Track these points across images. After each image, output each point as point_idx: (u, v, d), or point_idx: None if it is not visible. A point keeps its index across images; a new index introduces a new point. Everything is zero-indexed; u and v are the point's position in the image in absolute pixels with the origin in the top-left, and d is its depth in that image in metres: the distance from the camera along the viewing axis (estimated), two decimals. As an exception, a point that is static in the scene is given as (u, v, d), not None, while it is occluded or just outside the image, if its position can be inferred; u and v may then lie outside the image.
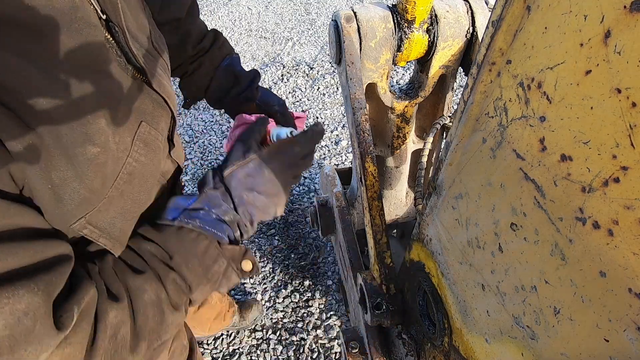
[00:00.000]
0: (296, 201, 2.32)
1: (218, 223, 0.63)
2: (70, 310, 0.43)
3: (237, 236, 0.66)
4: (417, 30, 0.98)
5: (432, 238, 0.80)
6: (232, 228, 0.65)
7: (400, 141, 1.23)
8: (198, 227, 0.61)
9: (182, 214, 0.62)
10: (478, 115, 0.54)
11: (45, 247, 0.43)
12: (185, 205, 0.63)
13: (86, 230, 0.50)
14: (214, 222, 0.63)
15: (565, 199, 0.39)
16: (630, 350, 0.35)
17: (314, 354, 1.75)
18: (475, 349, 0.67)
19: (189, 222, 0.61)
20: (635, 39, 0.29)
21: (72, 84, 0.45)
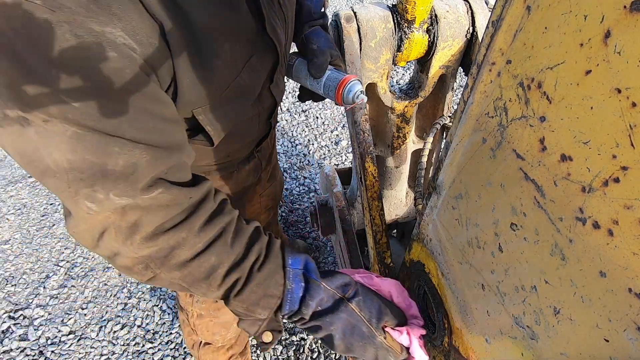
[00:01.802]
0: (296, 201, 2.32)
1: (296, 303, 0.68)
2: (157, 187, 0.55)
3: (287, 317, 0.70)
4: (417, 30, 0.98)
5: (432, 238, 0.80)
6: (294, 315, 0.69)
7: (400, 141, 1.23)
8: (287, 286, 0.67)
9: (296, 269, 0.69)
10: (478, 115, 0.54)
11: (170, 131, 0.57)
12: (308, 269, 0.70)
13: (201, 117, 0.69)
14: (297, 298, 0.68)
15: (565, 199, 0.39)
16: (630, 350, 0.35)
17: (314, 354, 1.76)
18: (475, 349, 0.67)
19: (291, 277, 0.68)
20: (635, 39, 0.29)
21: (215, 15, 0.60)
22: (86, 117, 0.47)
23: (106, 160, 0.51)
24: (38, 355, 1.79)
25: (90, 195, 0.52)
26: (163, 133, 0.55)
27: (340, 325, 0.68)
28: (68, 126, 0.47)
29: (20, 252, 2.16)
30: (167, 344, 1.81)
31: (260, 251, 0.67)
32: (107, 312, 1.92)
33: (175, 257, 0.60)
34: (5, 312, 1.93)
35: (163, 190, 0.56)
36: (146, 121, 0.52)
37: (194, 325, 1.32)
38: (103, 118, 0.48)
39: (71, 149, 0.49)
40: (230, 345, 1.45)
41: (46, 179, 0.52)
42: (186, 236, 0.60)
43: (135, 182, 0.53)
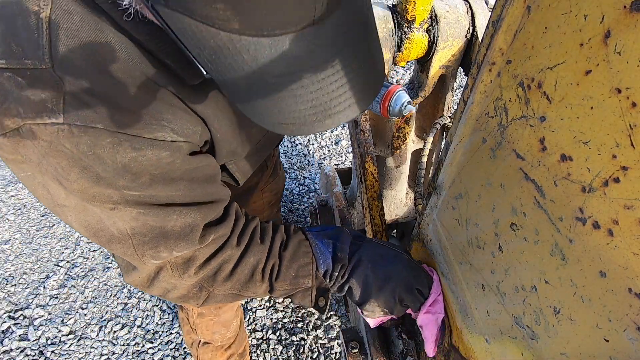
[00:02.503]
0: (296, 201, 2.32)
1: (329, 255, 0.75)
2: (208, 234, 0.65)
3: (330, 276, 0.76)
4: (417, 30, 0.98)
5: (432, 238, 0.80)
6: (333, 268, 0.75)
7: (400, 141, 1.23)
8: (314, 247, 0.75)
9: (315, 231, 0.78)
10: (478, 115, 0.54)
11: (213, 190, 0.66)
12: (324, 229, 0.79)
13: (231, 166, 0.79)
14: (326, 252, 0.75)
15: (565, 199, 0.39)
16: (630, 350, 0.35)
17: (314, 354, 1.75)
18: (475, 349, 0.67)
19: (312, 239, 0.76)
20: (635, 39, 0.29)
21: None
22: (145, 199, 0.57)
23: (165, 224, 0.60)
24: (38, 355, 1.79)
25: (155, 255, 0.62)
26: (209, 193, 0.65)
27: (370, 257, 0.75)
28: (131, 209, 0.57)
29: (20, 252, 2.16)
30: (167, 344, 1.81)
31: (282, 236, 0.76)
32: (107, 312, 1.92)
33: (224, 271, 0.70)
34: (5, 312, 1.93)
35: (214, 235, 0.66)
36: (195, 190, 0.62)
37: (194, 324, 1.32)
38: (159, 197, 0.58)
39: (134, 219, 0.58)
40: (229, 345, 1.45)
41: (113, 245, 0.61)
42: (230, 252, 0.70)
43: (193, 238, 0.63)
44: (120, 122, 0.49)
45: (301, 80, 0.40)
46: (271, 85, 0.40)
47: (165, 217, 0.59)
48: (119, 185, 0.53)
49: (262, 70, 0.39)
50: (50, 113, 0.46)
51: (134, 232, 0.59)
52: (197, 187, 0.62)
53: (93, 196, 0.54)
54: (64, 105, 0.46)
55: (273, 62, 0.38)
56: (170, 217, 0.60)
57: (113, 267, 2.08)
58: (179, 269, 0.66)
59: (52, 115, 0.46)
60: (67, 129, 0.47)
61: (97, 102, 0.48)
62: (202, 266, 0.68)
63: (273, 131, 0.50)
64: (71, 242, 2.20)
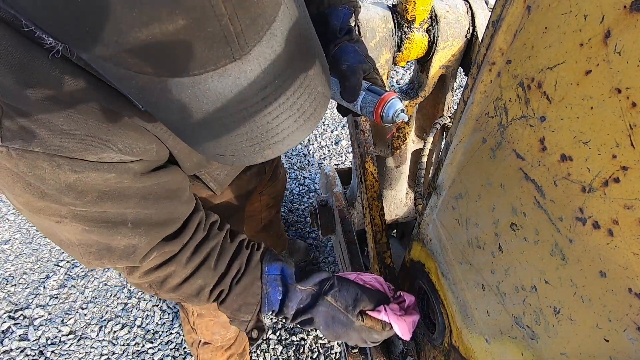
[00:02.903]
0: (296, 201, 2.32)
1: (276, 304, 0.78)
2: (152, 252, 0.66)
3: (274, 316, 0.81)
4: (417, 30, 0.98)
5: (432, 238, 0.80)
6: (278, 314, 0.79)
7: (400, 141, 1.23)
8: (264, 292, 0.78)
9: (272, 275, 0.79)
10: (478, 115, 0.54)
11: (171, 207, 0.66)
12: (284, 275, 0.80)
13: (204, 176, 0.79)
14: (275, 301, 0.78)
15: (565, 199, 0.39)
16: (630, 350, 0.35)
17: (314, 354, 1.76)
18: (475, 349, 0.67)
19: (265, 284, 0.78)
20: (635, 39, 0.29)
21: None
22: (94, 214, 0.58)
23: (110, 242, 0.62)
24: (38, 355, 1.79)
25: (100, 265, 0.66)
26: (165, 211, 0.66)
27: (321, 318, 0.77)
28: (78, 224, 0.58)
29: (20, 252, 2.16)
30: (167, 344, 1.81)
31: (240, 266, 0.77)
32: (107, 312, 1.92)
33: (169, 283, 0.73)
34: (5, 312, 1.93)
35: (156, 254, 0.68)
36: (149, 208, 0.63)
37: (194, 324, 1.32)
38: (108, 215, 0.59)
39: (79, 232, 0.60)
40: (229, 345, 1.45)
41: (64, 248, 0.64)
42: (175, 268, 0.71)
43: (135, 258, 0.66)
44: (59, 145, 0.49)
45: (231, 115, 0.40)
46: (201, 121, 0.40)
47: (110, 236, 0.61)
48: (65, 201, 0.55)
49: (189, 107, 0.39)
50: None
51: (80, 243, 0.62)
52: (150, 205, 0.63)
53: (40, 209, 0.55)
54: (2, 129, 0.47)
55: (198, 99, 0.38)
56: (115, 237, 0.61)
57: (113, 267, 2.08)
58: (126, 270, 0.70)
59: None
60: (6, 151, 0.49)
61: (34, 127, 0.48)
62: (146, 274, 0.71)
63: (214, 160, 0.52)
64: (71, 242, 2.20)
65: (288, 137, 0.44)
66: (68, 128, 0.49)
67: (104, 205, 0.58)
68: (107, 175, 0.55)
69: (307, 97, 0.43)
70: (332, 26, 0.82)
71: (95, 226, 0.59)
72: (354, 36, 0.83)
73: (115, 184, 0.57)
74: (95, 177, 0.54)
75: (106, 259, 0.64)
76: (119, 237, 0.62)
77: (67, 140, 0.50)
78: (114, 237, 0.61)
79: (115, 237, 0.61)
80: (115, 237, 0.62)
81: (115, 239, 0.62)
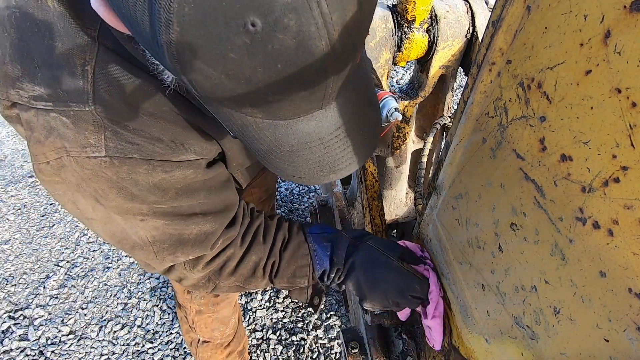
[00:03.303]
0: (296, 201, 2.32)
1: (326, 259, 0.81)
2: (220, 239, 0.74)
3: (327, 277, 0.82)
4: (417, 30, 0.98)
5: (432, 238, 0.80)
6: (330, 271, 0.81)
7: (400, 141, 1.23)
8: (312, 251, 0.82)
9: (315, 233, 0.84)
10: (478, 115, 0.54)
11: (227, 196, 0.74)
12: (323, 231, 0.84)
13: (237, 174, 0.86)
14: (324, 256, 0.81)
15: (565, 199, 0.39)
16: (630, 350, 0.35)
17: (314, 354, 1.76)
18: (475, 349, 0.67)
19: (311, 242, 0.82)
20: (635, 39, 0.29)
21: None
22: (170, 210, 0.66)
23: (184, 232, 0.69)
24: (38, 355, 1.79)
25: (174, 259, 0.72)
26: (224, 199, 0.74)
27: (362, 261, 0.79)
28: (158, 220, 0.66)
29: (20, 252, 2.16)
30: (167, 344, 1.81)
31: (284, 235, 0.83)
32: (107, 312, 1.92)
33: (228, 267, 0.78)
34: (5, 312, 1.93)
35: (223, 240, 0.75)
36: (212, 198, 0.71)
37: (193, 322, 1.32)
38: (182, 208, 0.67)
39: (156, 228, 0.67)
40: (228, 343, 1.45)
41: (136, 251, 0.70)
42: (233, 251, 0.78)
43: (207, 245, 0.72)
44: (153, 151, 0.59)
45: (310, 148, 0.50)
46: (286, 152, 0.50)
47: (185, 226, 0.69)
48: (150, 200, 0.63)
49: (278, 142, 0.49)
50: (94, 148, 0.55)
51: (154, 240, 0.68)
52: (214, 195, 0.71)
53: (127, 210, 0.63)
54: (105, 141, 0.55)
55: (287, 137, 0.48)
56: (189, 226, 0.69)
57: (113, 267, 2.08)
58: (189, 264, 0.75)
59: (95, 150, 0.55)
60: (109, 161, 0.57)
61: (132, 136, 0.57)
62: (209, 263, 0.76)
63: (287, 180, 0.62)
64: (71, 242, 2.20)
65: (349, 165, 0.54)
66: (159, 136, 0.59)
67: (181, 200, 0.66)
68: (187, 171, 0.64)
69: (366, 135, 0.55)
70: None
71: (173, 219, 0.67)
72: None
73: (190, 179, 0.66)
74: (178, 175, 0.64)
75: (180, 251, 0.71)
76: (192, 227, 0.69)
77: (158, 145, 0.59)
78: (188, 227, 0.69)
79: (189, 226, 0.69)
80: (189, 227, 0.69)
81: (189, 228, 0.69)
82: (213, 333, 1.36)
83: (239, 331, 1.49)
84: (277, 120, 0.46)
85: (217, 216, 0.72)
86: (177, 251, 0.71)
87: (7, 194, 2.46)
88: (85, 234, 2.22)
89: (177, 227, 0.68)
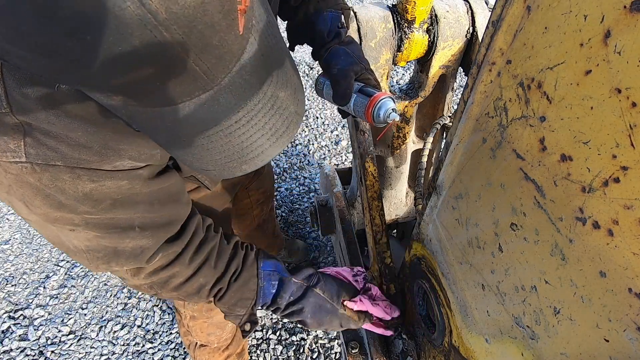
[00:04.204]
0: (296, 201, 2.32)
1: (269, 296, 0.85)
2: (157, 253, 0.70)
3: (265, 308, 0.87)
4: (417, 30, 0.98)
5: (432, 238, 0.80)
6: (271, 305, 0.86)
7: (400, 141, 1.23)
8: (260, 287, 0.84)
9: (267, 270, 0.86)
10: (478, 115, 0.54)
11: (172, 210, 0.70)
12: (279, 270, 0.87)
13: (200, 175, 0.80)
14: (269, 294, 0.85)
15: (565, 199, 0.39)
16: (630, 350, 0.35)
17: (314, 354, 1.76)
18: (475, 349, 0.67)
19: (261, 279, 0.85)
20: (635, 39, 0.29)
21: None
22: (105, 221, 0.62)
23: (118, 245, 0.66)
24: (38, 355, 1.79)
25: (108, 268, 0.69)
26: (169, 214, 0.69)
27: (310, 308, 0.86)
28: (90, 231, 0.62)
29: (20, 252, 2.16)
30: (167, 344, 1.81)
31: (238, 265, 0.83)
32: (107, 312, 1.92)
33: (172, 283, 0.77)
34: (5, 312, 1.93)
35: (162, 254, 0.71)
36: (155, 212, 0.66)
37: (188, 326, 1.32)
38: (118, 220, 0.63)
39: (89, 239, 0.63)
40: (226, 346, 1.44)
41: (70, 255, 0.67)
42: (179, 269, 0.75)
43: (142, 259, 0.69)
44: (78, 158, 0.54)
45: (208, 137, 0.46)
46: (184, 142, 0.47)
47: (119, 240, 0.65)
48: (80, 210, 0.59)
49: (172, 131, 0.45)
50: (14, 153, 0.51)
51: (88, 249, 0.65)
52: (157, 209, 0.67)
53: (55, 219, 0.59)
54: (25, 147, 0.51)
55: (179, 125, 0.44)
56: (124, 240, 0.65)
57: (113, 267, 2.08)
58: (131, 272, 0.73)
59: (16, 155, 0.51)
60: (30, 167, 0.53)
61: (54, 143, 0.52)
62: (152, 275, 0.74)
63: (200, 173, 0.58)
64: (71, 242, 2.20)
65: (262, 154, 0.50)
66: (85, 141, 0.54)
67: (116, 212, 0.62)
68: (121, 182, 0.60)
69: (279, 117, 0.49)
70: (318, 31, 0.84)
71: (106, 232, 0.63)
72: (343, 38, 0.84)
73: (127, 191, 0.61)
74: (110, 185, 0.59)
75: (114, 262, 0.68)
76: (127, 240, 0.66)
77: (85, 152, 0.54)
78: (123, 241, 0.65)
79: (124, 240, 0.65)
80: (124, 241, 0.65)
81: (123, 242, 0.65)
82: (209, 337, 1.36)
83: (238, 334, 1.48)
84: (160, 107, 0.42)
85: (157, 231, 0.69)
86: (111, 261, 0.68)
87: (7, 194, 2.46)
88: (85, 234, 2.23)
89: (111, 240, 0.64)
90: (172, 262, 0.74)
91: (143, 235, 0.66)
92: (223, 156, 0.48)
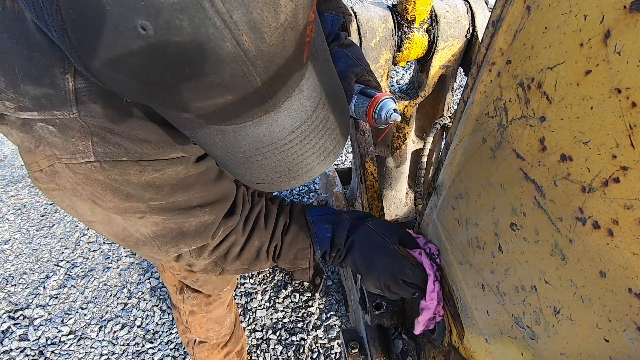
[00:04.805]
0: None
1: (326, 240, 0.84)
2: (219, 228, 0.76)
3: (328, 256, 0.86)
4: (417, 30, 0.98)
5: (432, 238, 0.80)
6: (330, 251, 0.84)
7: (400, 141, 1.23)
8: (313, 233, 0.84)
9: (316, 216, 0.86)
10: (478, 115, 0.54)
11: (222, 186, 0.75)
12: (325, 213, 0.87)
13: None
14: (324, 238, 0.84)
15: (565, 199, 0.39)
16: (630, 350, 0.35)
17: (314, 354, 1.75)
18: (475, 349, 0.67)
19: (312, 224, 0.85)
20: (635, 39, 0.29)
21: None
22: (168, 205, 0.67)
23: (182, 225, 0.71)
24: (38, 355, 1.79)
25: (177, 251, 0.75)
26: (220, 190, 0.75)
27: (359, 242, 0.82)
28: (157, 216, 0.67)
29: (20, 252, 2.16)
30: (167, 344, 1.81)
31: (286, 219, 0.86)
32: (107, 312, 1.92)
33: (232, 252, 0.82)
34: (5, 312, 1.93)
35: (223, 229, 0.77)
36: (208, 190, 0.72)
37: (187, 322, 1.32)
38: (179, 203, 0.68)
39: (156, 224, 0.69)
40: (225, 343, 1.45)
41: (140, 247, 0.72)
42: (235, 238, 0.81)
43: (207, 234, 0.74)
44: (141, 152, 0.60)
45: (264, 154, 0.50)
46: (240, 158, 0.51)
47: (184, 219, 0.70)
48: (146, 198, 0.64)
49: (230, 147, 0.49)
50: (83, 154, 0.56)
51: (156, 235, 0.70)
52: (209, 187, 0.72)
53: (124, 209, 0.65)
54: (93, 146, 0.56)
55: (237, 142, 0.48)
56: (188, 219, 0.71)
57: (113, 267, 2.08)
58: (195, 253, 0.78)
59: (85, 155, 0.56)
60: (99, 165, 0.58)
61: (119, 140, 0.57)
62: (214, 251, 0.80)
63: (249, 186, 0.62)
64: (71, 242, 2.19)
65: (310, 171, 0.54)
66: (145, 137, 0.59)
67: (177, 195, 0.67)
68: (178, 167, 0.65)
69: (328, 137, 0.53)
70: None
71: (171, 214, 0.69)
72: (343, 41, 0.86)
73: (183, 175, 0.67)
74: (170, 172, 0.64)
75: (182, 242, 0.73)
76: (191, 219, 0.71)
77: (146, 146, 0.60)
78: (187, 220, 0.71)
79: (188, 219, 0.71)
80: (188, 220, 0.71)
81: (187, 221, 0.71)
82: (208, 333, 1.36)
83: (237, 331, 1.49)
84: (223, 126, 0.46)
85: (215, 207, 0.74)
86: (180, 243, 0.73)
87: (7, 194, 2.46)
88: (85, 234, 2.22)
89: (177, 220, 0.70)
90: (229, 235, 0.80)
91: (204, 212, 0.72)
92: (274, 172, 0.52)
